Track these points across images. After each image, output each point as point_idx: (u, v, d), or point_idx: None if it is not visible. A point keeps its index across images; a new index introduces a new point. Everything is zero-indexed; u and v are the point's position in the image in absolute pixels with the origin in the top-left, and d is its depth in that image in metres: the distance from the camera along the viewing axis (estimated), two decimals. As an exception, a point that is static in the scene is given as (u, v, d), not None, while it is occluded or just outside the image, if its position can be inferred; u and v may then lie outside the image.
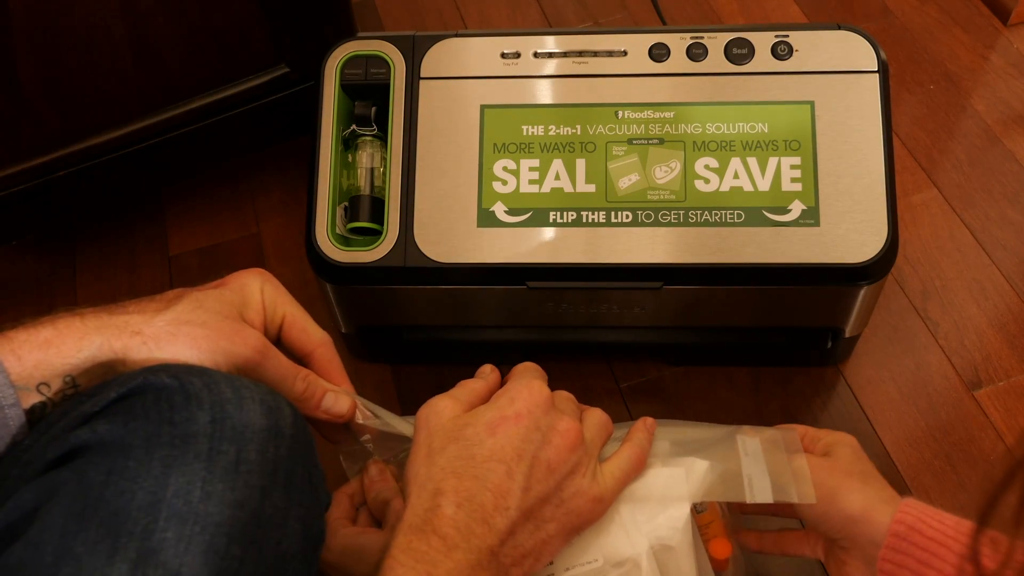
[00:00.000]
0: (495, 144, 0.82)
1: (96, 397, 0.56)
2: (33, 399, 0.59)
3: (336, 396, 0.67)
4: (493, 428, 0.60)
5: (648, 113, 0.82)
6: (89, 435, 0.54)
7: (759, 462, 0.66)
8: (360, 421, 0.69)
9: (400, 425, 0.69)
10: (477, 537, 0.57)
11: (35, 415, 0.59)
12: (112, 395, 0.56)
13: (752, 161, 0.81)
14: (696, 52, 0.83)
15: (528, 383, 0.63)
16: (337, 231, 0.83)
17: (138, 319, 0.62)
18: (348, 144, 0.86)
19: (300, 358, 0.68)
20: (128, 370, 0.60)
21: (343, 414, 0.67)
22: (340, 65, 0.85)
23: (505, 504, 0.58)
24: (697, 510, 0.67)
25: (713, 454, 0.68)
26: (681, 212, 0.80)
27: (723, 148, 0.81)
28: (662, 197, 0.81)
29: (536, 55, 0.84)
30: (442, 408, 0.62)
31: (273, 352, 0.65)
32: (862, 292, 0.82)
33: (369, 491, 0.73)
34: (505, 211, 0.81)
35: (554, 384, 0.65)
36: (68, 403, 0.60)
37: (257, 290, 0.67)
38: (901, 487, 0.88)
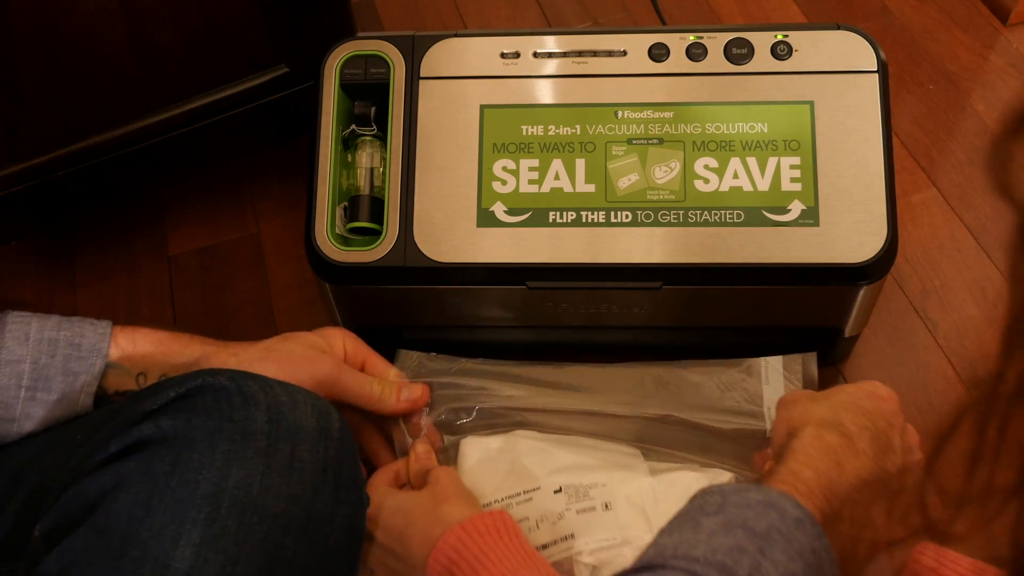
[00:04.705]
0: (495, 144, 0.82)
1: (155, 396, 0.60)
2: (128, 385, 0.68)
3: (410, 386, 0.81)
4: (869, 395, 0.66)
5: (648, 113, 0.82)
6: (152, 430, 0.58)
7: None
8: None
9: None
10: (880, 456, 0.61)
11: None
12: (172, 394, 0.60)
13: (752, 161, 0.81)
14: (696, 52, 0.83)
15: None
16: (337, 231, 0.83)
17: (236, 346, 0.73)
18: (348, 144, 0.86)
19: None
20: None
21: (419, 396, 0.81)
22: (340, 65, 0.85)
23: (894, 449, 0.62)
24: None
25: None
26: (680, 212, 0.80)
27: (723, 148, 0.81)
28: (662, 197, 0.81)
29: (536, 55, 0.84)
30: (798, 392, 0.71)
31: (349, 369, 0.77)
32: (861, 292, 0.82)
33: (414, 466, 0.79)
34: (505, 211, 0.81)
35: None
36: (121, 402, 0.65)
37: (339, 338, 0.79)
38: (901, 487, 0.88)
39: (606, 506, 0.74)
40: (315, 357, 0.74)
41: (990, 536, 0.36)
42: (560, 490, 0.76)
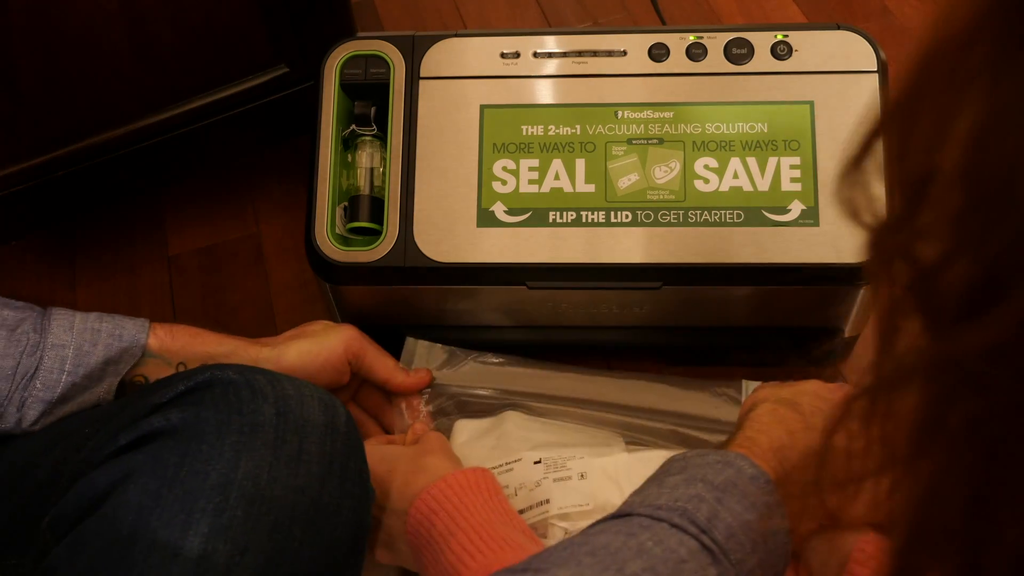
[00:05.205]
0: (495, 144, 0.82)
1: (163, 389, 0.62)
2: (168, 374, 0.70)
3: (416, 369, 0.86)
4: (834, 390, 0.70)
5: (648, 113, 0.82)
6: (162, 422, 0.59)
7: None
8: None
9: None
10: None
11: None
12: (181, 387, 0.61)
13: (752, 161, 0.81)
14: (695, 52, 0.83)
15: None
16: (337, 231, 0.83)
17: (265, 339, 0.78)
18: (348, 144, 0.86)
19: None
20: None
21: (425, 375, 0.86)
22: (340, 65, 0.85)
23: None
24: None
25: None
26: (680, 212, 0.80)
27: (722, 148, 0.81)
28: (661, 197, 0.81)
29: (536, 55, 0.84)
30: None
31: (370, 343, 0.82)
32: (862, 292, 0.82)
33: (410, 438, 0.82)
34: (505, 211, 0.81)
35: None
36: (130, 396, 0.67)
37: (352, 326, 0.83)
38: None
39: (582, 476, 0.77)
40: (341, 325, 0.81)
41: (883, 517, 0.38)
42: (539, 461, 0.78)
